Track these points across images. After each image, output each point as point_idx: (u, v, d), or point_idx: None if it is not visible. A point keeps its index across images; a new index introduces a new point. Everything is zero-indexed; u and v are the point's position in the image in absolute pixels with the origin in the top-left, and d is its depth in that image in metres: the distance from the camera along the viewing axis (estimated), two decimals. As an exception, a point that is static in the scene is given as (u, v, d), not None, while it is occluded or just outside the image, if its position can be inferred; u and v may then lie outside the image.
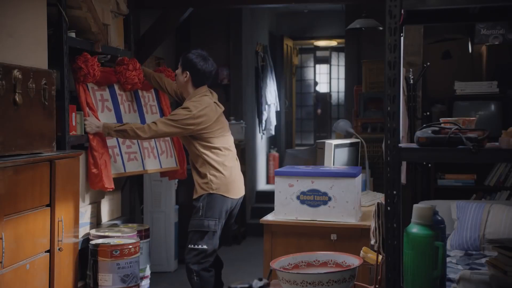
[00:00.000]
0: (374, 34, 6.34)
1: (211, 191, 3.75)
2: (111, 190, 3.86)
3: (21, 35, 2.98)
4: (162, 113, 4.45)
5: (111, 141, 3.93)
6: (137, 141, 4.15)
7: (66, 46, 3.49)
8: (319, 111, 12.22)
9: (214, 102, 3.86)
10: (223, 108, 3.95)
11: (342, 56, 11.49)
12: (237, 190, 3.86)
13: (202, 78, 3.86)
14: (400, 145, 1.99)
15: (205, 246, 3.70)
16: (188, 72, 3.83)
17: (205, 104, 3.77)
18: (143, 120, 4.25)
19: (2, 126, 2.67)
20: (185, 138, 3.87)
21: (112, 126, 3.75)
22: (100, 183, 3.73)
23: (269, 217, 3.35)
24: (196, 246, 3.71)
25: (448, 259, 3.29)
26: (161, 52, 6.24)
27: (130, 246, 3.66)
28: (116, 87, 4.09)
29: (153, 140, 4.26)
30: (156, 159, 4.30)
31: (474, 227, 3.72)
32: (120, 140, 4.02)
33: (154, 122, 3.75)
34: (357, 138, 4.30)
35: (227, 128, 3.94)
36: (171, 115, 3.79)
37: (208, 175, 3.75)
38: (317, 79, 12.56)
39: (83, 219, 3.73)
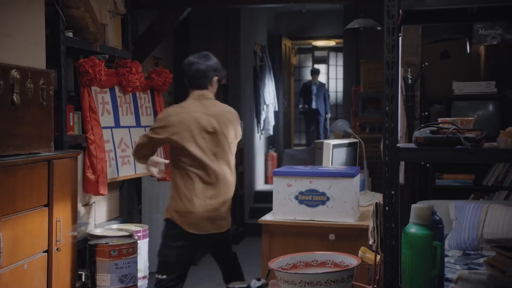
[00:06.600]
0: (372, 34, 6.35)
1: (167, 216, 3.31)
2: (104, 195, 3.85)
3: (19, 35, 2.98)
4: (156, 115, 4.45)
5: (108, 145, 3.92)
6: (131, 144, 4.16)
7: (63, 45, 3.48)
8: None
9: (203, 113, 3.27)
10: (213, 124, 3.29)
11: (340, 56, 11.49)
12: (196, 225, 3.26)
13: (190, 79, 3.38)
14: (398, 145, 1.99)
15: (164, 276, 3.25)
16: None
17: (172, 112, 3.25)
18: (138, 122, 4.25)
19: (0, 126, 2.67)
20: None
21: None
22: (94, 188, 3.72)
23: (268, 217, 3.35)
24: (157, 275, 3.28)
25: (446, 259, 3.28)
26: (160, 52, 6.23)
27: (128, 246, 3.66)
28: (116, 89, 4.09)
29: None
30: None
31: (472, 227, 3.71)
32: (116, 143, 4.01)
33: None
34: (356, 138, 4.30)
35: (210, 147, 3.29)
36: None
37: (170, 197, 3.32)
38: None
39: (81, 219, 3.73)
